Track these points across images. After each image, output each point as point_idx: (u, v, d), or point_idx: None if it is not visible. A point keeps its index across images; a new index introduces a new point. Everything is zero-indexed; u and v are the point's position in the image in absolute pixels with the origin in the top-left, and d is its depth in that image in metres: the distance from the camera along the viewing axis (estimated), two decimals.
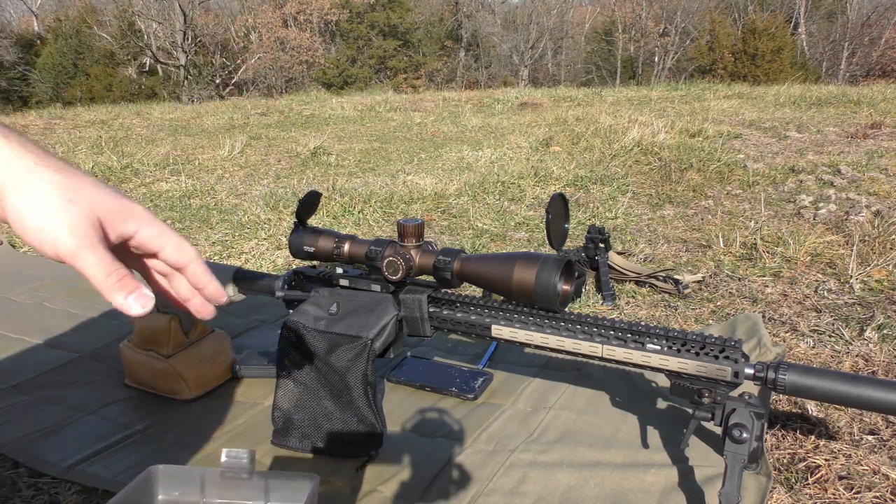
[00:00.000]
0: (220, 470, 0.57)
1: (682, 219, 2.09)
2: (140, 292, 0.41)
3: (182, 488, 0.58)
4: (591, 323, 0.78)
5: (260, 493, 0.58)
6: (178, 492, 0.58)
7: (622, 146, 3.26)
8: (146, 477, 0.56)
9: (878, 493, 0.78)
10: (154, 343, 1.03)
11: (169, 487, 0.58)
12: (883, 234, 1.75)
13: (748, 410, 0.72)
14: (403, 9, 21.48)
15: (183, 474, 0.58)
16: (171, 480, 0.58)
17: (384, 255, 0.83)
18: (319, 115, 5.96)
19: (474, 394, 1.03)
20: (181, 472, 0.58)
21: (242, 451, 0.58)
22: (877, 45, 19.49)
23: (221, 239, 2.02)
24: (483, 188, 2.58)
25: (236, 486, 0.57)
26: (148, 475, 0.57)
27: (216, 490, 0.58)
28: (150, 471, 0.57)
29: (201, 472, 0.58)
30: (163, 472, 0.57)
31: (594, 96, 6.96)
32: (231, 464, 0.57)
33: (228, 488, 0.58)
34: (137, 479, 0.55)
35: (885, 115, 4.23)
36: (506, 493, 0.80)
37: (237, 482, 0.57)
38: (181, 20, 18.76)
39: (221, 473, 0.57)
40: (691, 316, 1.34)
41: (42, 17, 22.26)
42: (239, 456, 0.58)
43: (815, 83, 9.29)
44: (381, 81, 20.04)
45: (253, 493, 0.58)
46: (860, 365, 1.11)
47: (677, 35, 20.77)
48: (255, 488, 0.58)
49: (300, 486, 0.57)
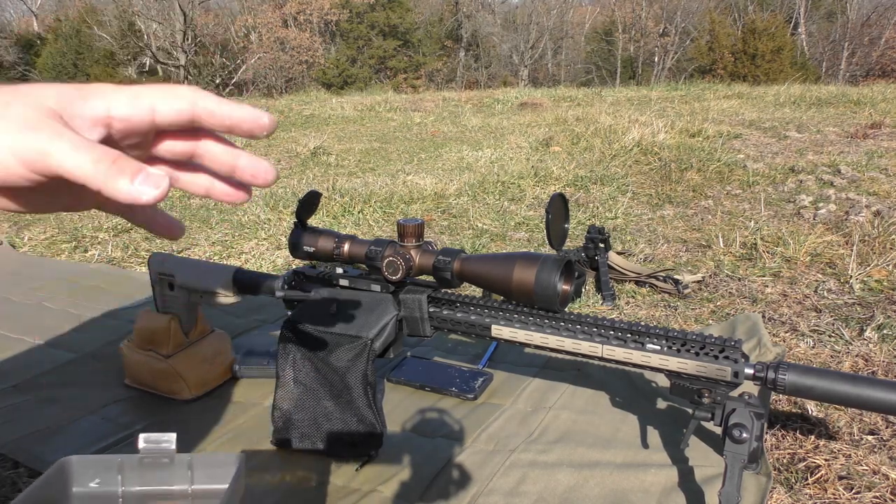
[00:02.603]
0: (139, 456, 0.55)
1: (681, 219, 2.09)
2: (146, 172, 0.31)
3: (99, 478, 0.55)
4: (591, 323, 0.78)
5: (184, 476, 0.55)
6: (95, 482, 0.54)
7: (622, 146, 3.26)
8: (58, 469, 0.53)
9: (878, 493, 0.78)
10: (154, 343, 1.03)
11: (84, 478, 0.55)
12: (883, 234, 1.75)
13: (748, 410, 0.72)
14: (403, 9, 21.48)
15: (99, 463, 0.55)
16: (86, 471, 0.55)
17: (384, 255, 0.83)
18: (319, 115, 5.96)
19: (474, 394, 1.03)
20: (97, 462, 0.55)
21: (163, 435, 0.55)
22: (877, 45, 19.49)
23: (221, 239, 2.02)
24: (483, 188, 2.58)
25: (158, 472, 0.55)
26: (60, 466, 0.53)
27: (136, 477, 0.55)
28: (63, 462, 0.54)
29: (119, 459, 0.55)
30: (76, 462, 0.54)
31: (594, 96, 6.96)
32: (150, 449, 0.54)
33: (150, 474, 0.55)
34: (48, 473, 0.52)
35: (885, 115, 4.23)
36: (506, 493, 0.80)
37: (158, 467, 0.55)
38: (181, 20, 18.76)
39: (140, 460, 0.55)
40: (691, 316, 1.34)
41: (42, 17, 22.27)
42: (159, 440, 0.55)
43: (815, 83, 9.29)
44: (381, 81, 20.04)
45: (177, 477, 0.55)
46: (860, 365, 1.11)
47: (677, 35, 20.77)
48: (179, 472, 0.55)
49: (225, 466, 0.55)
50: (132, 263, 1.83)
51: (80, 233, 2.11)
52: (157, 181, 0.31)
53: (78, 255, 1.93)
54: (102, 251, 1.93)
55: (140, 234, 2.11)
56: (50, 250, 1.98)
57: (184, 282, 1.01)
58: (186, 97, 0.34)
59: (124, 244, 1.99)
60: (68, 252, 1.95)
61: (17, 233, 2.16)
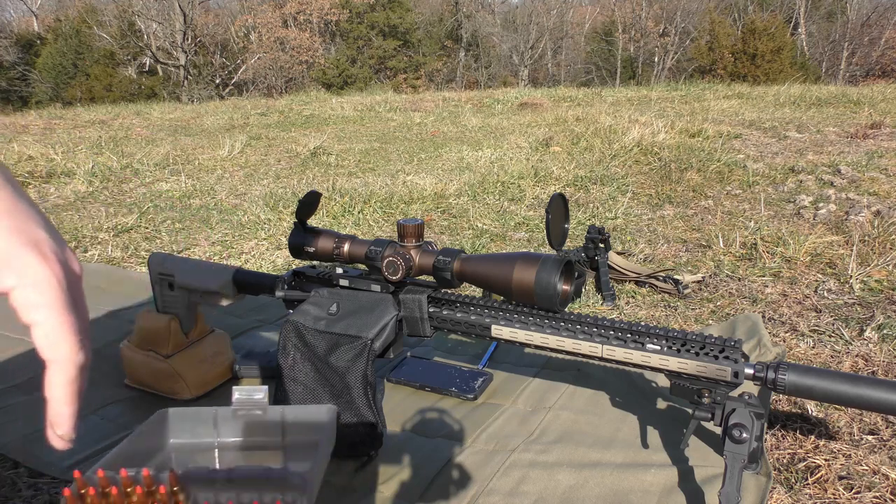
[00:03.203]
0: (233, 408, 0.55)
1: (681, 219, 2.09)
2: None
3: (195, 430, 0.55)
4: (591, 323, 0.78)
5: (277, 428, 0.55)
6: (191, 433, 0.55)
7: (622, 146, 3.26)
8: (157, 419, 0.54)
9: (878, 493, 0.78)
10: (154, 343, 1.03)
11: (180, 430, 0.55)
12: (883, 234, 1.75)
13: (748, 410, 0.72)
14: (403, 9, 21.49)
15: (195, 415, 0.55)
16: (182, 422, 0.55)
17: (384, 255, 0.83)
18: (319, 115, 5.96)
19: (474, 394, 1.03)
20: (193, 414, 0.55)
21: (255, 388, 0.55)
22: (877, 45, 19.50)
23: (221, 239, 2.02)
24: (483, 188, 2.58)
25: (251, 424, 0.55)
26: (159, 418, 0.54)
27: (230, 429, 0.55)
28: (161, 413, 0.54)
29: (213, 411, 0.55)
30: (173, 414, 0.55)
31: (594, 96, 6.96)
32: (243, 401, 0.55)
33: (243, 426, 0.55)
34: (148, 422, 0.53)
35: (885, 115, 4.23)
36: (506, 493, 0.80)
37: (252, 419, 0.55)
38: (181, 20, 18.76)
39: (234, 412, 0.55)
40: (691, 316, 1.34)
41: (42, 17, 22.27)
42: (252, 393, 0.55)
43: (814, 83, 9.29)
44: (381, 81, 20.04)
45: (269, 430, 0.55)
46: (860, 365, 1.11)
47: (677, 35, 20.77)
48: (272, 424, 0.55)
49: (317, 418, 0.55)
50: (132, 263, 1.83)
51: (80, 233, 2.11)
52: None
53: (78, 255, 1.93)
54: (102, 251, 1.93)
55: (140, 234, 2.11)
56: None
57: (184, 282, 1.01)
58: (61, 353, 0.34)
59: (124, 244, 1.99)
60: None
61: None
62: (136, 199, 2.62)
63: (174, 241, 2.02)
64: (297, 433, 0.55)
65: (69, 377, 0.34)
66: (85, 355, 0.35)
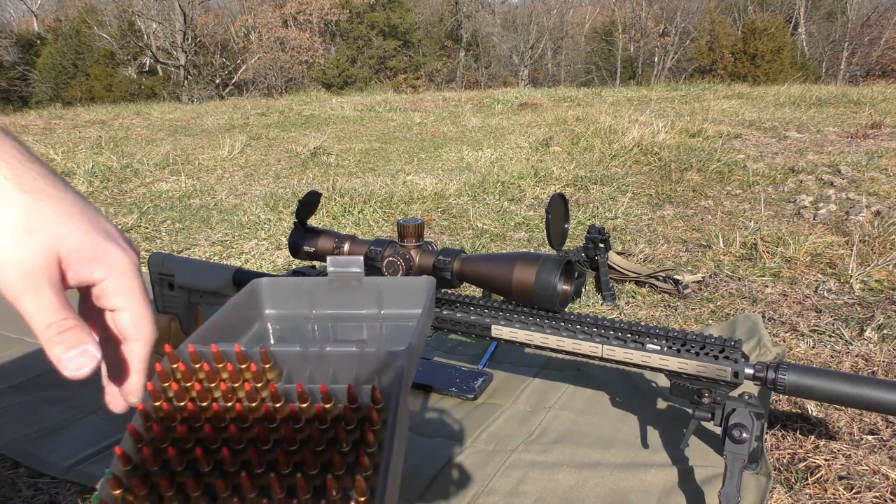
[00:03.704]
0: (328, 279, 0.52)
1: (681, 219, 2.09)
2: (83, 349, 0.34)
3: (289, 301, 0.53)
4: (591, 323, 0.78)
5: (373, 300, 0.52)
6: (285, 304, 0.53)
7: (622, 146, 3.26)
8: (251, 289, 0.51)
9: (878, 493, 0.78)
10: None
11: (275, 300, 0.53)
12: (883, 235, 1.75)
13: (748, 410, 0.72)
14: (403, 9, 21.49)
15: (289, 286, 0.53)
16: (276, 292, 0.52)
17: (384, 255, 0.83)
18: (319, 115, 5.96)
19: (474, 394, 1.03)
20: (287, 284, 0.53)
21: (351, 258, 0.52)
22: (877, 45, 19.50)
23: (221, 239, 2.02)
24: (483, 188, 2.58)
25: (347, 295, 0.52)
26: (253, 287, 0.52)
27: (326, 300, 0.52)
28: (254, 283, 0.52)
29: (309, 282, 0.53)
30: (267, 284, 0.52)
31: (594, 96, 6.96)
32: (338, 273, 0.52)
33: (339, 298, 0.52)
34: (242, 292, 0.51)
35: (885, 115, 4.23)
36: (506, 493, 0.80)
37: (347, 291, 0.52)
38: (181, 20, 18.77)
39: (329, 283, 0.52)
40: (691, 316, 1.34)
41: (42, 17, 22.27)
42: (347, 264, 0.52)
43: (815, 83, 9.30)
44: (381, 81, 20.04)
45: (365, 301, 0.52)
46: (860, 365, 1.11)
47: (677, 35, 20.78)
48: (368, 296, 0.52)
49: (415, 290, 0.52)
50: None
51: None
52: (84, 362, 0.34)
53: None
54: None
55: (140, 234, 2.11)
56: None
57: (184, 282, 1.01)
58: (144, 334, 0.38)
59: None
60: None
61: None
62: (136, 199, 2.62)
63: (174, 241, 2.02)
64: (393, 305, 0.52)
65: (148, 352, 0.39)
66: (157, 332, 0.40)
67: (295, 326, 0.53)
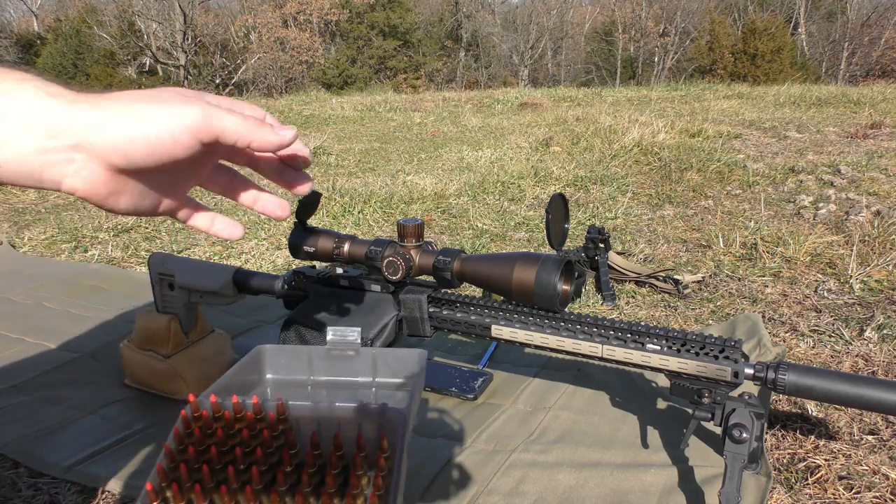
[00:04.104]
0: (327, 348, 0.57)
1: (681, 219, 2.09)
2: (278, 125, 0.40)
3: (290, 366, 0.57)
4: (591, 323, 0.78)
5: (368, 369, 0.57)
6: (286, 370, 0.57)
7: (622, 146, 3.26)
8: (255, 355, 0.56)
9: (878, 493, 0.78)
10: (154, 343, 1.03)
11: (277, 366, 0.57)
12: (883, 234, 1.75)
13: (748, 410, 0.72)
14: (403, 9, 21.49)
15: (290, 353, 0.58)
16: (278, 359, 0.57)
17: (384, 255, 0.83)
18: (319, 115, 5.96)
19: (474, 394, 1.03)
20: (288, 351, 0.58)
21: (349, 329, 0.57)
22: (877, 45, 19.50)
23: (221, 239, 2.02)
24: (483, 188, 2.58)
25: (343, 364, 0.57)
26: (257, 353, 0.56)
27: (324, 367, 0.57)
28: (259, 349, 0.57)
29: (308, 350, 0.58)
30: (270, 351, 0.57)
31: (594, 96, 6.96)
32: (337, 341, 0.57)
33: (336, 366, 0.57)
34: (248, 357, 0.55)
35: (885, 115, 4.23)
36: (506, 493, 0.80)
37: (344, 359, 0.57)
38: (181, 20, 18.76)
39: (327, 352, 0.57)
40: (691, 316, 1.34)
41: (42, 17, 22.27)
42: (345, 334, 0.57)
43: (815, 83, 9.30)
44: (381, 81, 20.04)
45: (361, 370, 0.57)
46: (860, 365, 1.11)
47: (677, 35, 20.78)
48: (363, 365, 0.57)
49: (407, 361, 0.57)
50: (132, 263, 1.83)
51: (80, 233, 2.11)
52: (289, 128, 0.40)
53: (78, 255, 1.93)
54: (102, 251, 1.93)
55: (140, 234, 2.11)
56: (50, 250, 1.98)
57: (184, 282, 1.01)
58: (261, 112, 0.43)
59: (124, 244, 1.99)
60: (68, 252, 1.95)
61: (17, 233, 2.16)
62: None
63: (174, 241, 2.02)
64: (387, 375, 0.57)
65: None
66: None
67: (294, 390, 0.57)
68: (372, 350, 0.57)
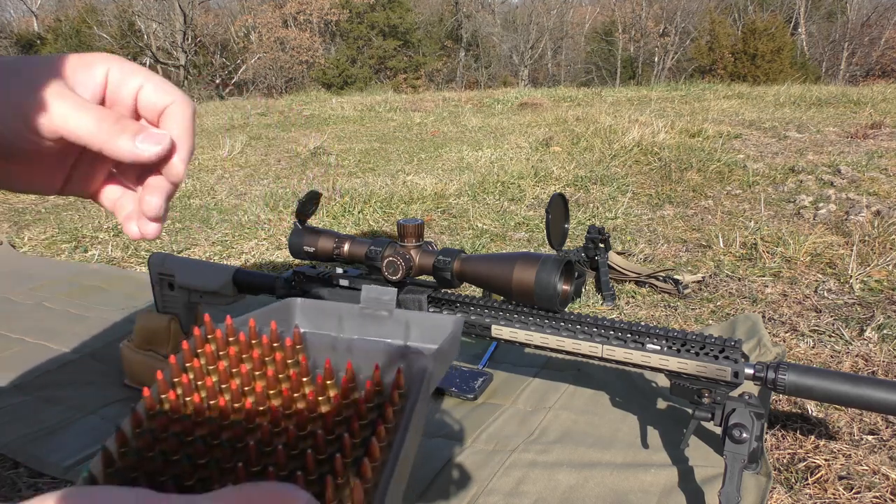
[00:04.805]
0: (360, 306, 0.54)
1: (681, 219, 2.09)
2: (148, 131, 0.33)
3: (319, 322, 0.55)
4: (591, 323, 0.78)
5: (400, 331, 0.54)
6: (315, 325, 0.54)
7: (622, 146, 3.26)
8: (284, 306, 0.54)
9: (878, 493, 0.78)
10: (154, 343, 1.03)
11: (305, 319, 0.55)
12: (883, 234, 1.75)
13: (748, 410, 0.72)
14: (403, 9, 21.48)
15: (321, 308, 0.55)
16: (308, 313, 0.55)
17: (384, 255, 0.83)
18: (319, 115, 5.96)
19: (474, 394, 1.03)
20: (319, 306, 0.55)
21: (385, 289, 0.55)
22: (877, 45, 19.50)
23: (221, 239, 2.02)
24: (483, 188, 2.58)
25: (376, 324, 0.54)
26: (287, 304, 0.54)
27: (354, 326, 0.54)
28: (290, 300, 0.55)
29: (339, 307, 0.55)
30: (300, 303, 0.55)
31: (594, 96, 6.96)
32: (370, 301, 0.55)
33: (367, 325, 0.54)
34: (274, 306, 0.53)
35: (885, 115, 4.23)
36: (506, 493, 0.80)
37: (376, 319, 0.54)
38: (181, 20, 18.76)
39: (360, 310, 0.54)
40: (691, 316, 1.34)
41: (42, 17, 22.26)
42: (381, 293, 0.55)
43: (815, 83, 9.29)
44: (381, 81, 20.04)
45: (393, 332, 0.54)
46: (860, 365, 1.11)
47: (677, 35, 20.77)
48: (396, 327, 0.54)
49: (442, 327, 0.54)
50: (132, 263, 1.83)
51: (80, 233, 2.11)
52: (159, 139, 0.33)
53: (78, 255, 1.93)
54: (102, 251, 1.93)
55: None
56: (50, 250, 1.98)
57: (184, 282, 1.01)
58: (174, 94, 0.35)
59: (124, 244, 1.99)
60: (68, 252, 1.95)
61: (17, 233, 2.16)
62: None
63: (174, 241, 2.02)
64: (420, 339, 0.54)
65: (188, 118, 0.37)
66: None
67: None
68: (407, 312, 0.54)
